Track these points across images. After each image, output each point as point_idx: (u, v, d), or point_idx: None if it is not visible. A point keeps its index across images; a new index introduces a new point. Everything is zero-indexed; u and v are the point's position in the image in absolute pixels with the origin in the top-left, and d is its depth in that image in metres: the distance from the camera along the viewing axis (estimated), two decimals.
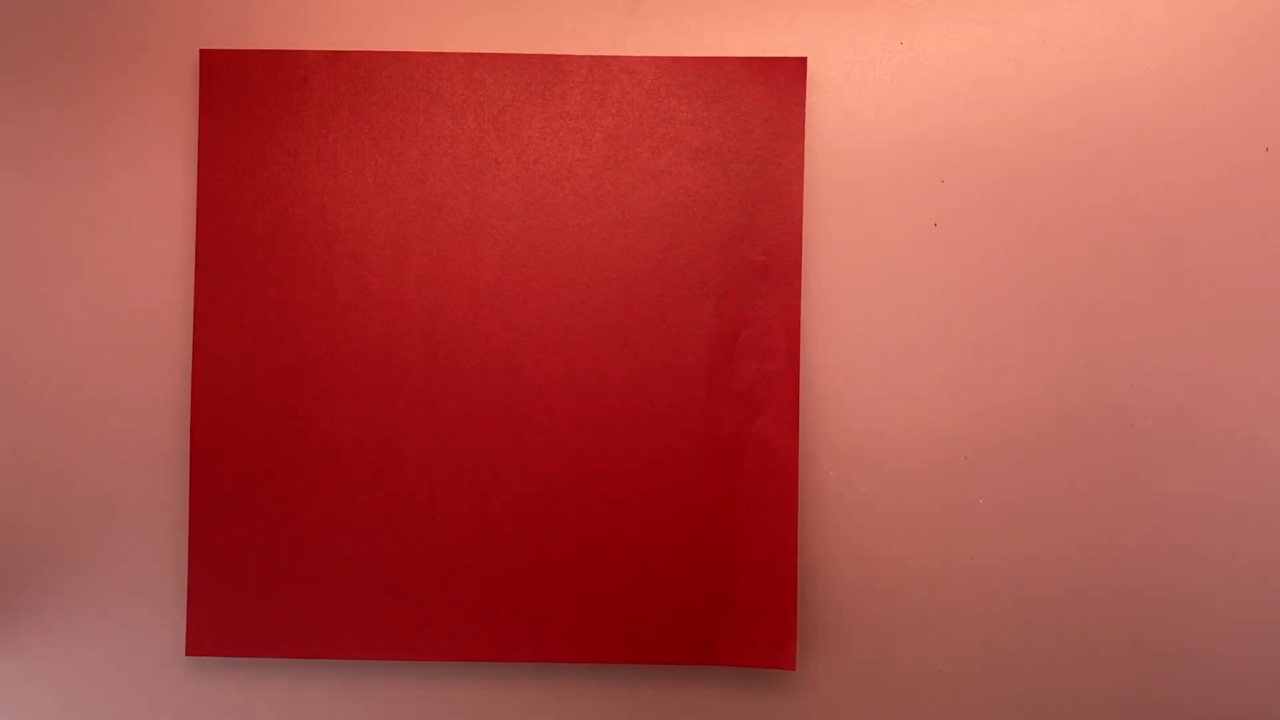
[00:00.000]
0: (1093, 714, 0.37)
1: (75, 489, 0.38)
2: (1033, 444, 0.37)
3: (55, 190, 0.38)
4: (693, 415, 0.36)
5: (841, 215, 0.37)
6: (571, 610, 0.36)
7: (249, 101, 0.36)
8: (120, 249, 0.38)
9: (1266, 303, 0.37)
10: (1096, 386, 0.37)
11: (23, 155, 0.38)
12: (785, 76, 0.36)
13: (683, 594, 0.35)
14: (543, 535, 0.36)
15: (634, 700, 0.37)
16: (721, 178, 0.36)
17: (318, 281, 0.36)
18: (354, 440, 0.36)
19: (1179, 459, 0.37)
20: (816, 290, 0.37)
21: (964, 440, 0.37)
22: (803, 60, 0.36)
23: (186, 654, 0.36)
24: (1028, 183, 0.37)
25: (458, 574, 0.36)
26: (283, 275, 0.36)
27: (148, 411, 0.38)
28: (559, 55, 0.36)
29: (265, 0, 0.37)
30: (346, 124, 0.36)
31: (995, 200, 0.37)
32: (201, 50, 0.36)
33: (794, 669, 0.35)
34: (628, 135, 0.36)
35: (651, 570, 0.35)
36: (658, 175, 0.36)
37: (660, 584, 0.35)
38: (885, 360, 0.37)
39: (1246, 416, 0.37)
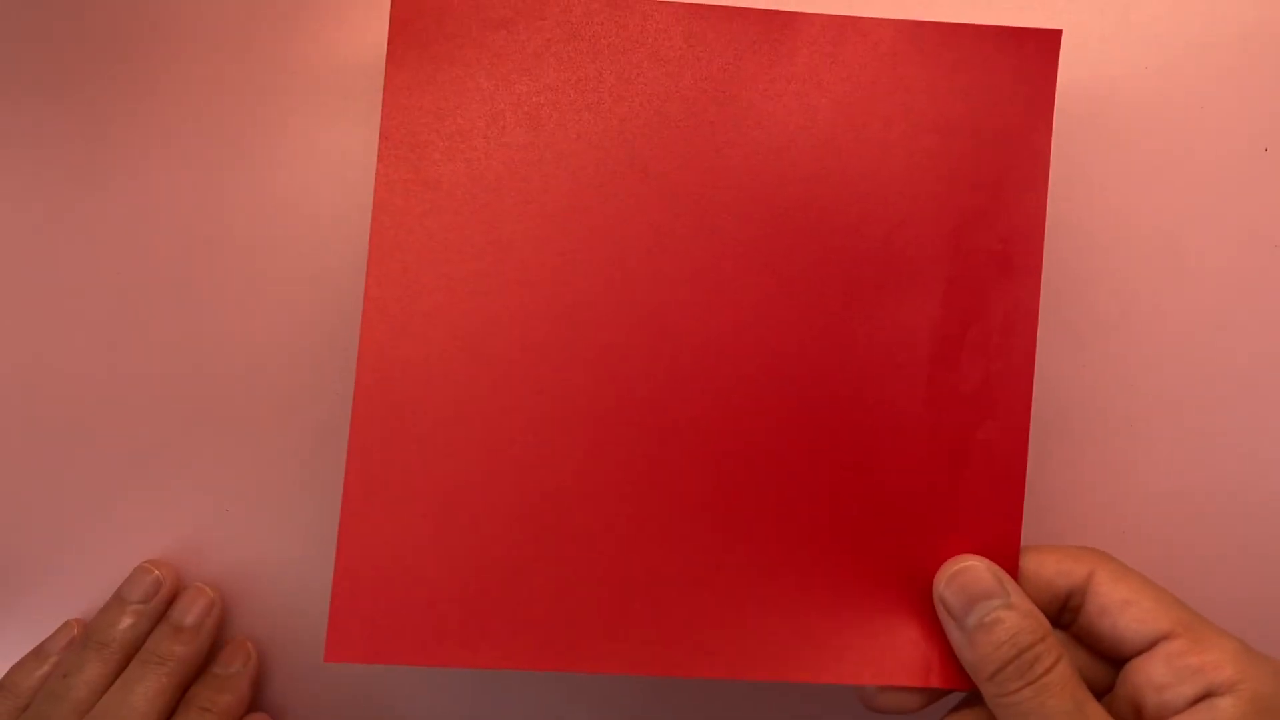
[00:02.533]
0: None
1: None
2: (1032, 443, 0.34)
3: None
4: (912, 416, 0.32)
5: None
6: (758, 624, 0.32)
7: (443, 42, 0.32)
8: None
9: (1266, 303, 0.36)
10: (1095, 386, 0.37)
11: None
12: (1035, 49, 0.32)
13: (896, 613, 0.32)
14: (736, 542, 0.32)
15: None
16: (958, 155, 0.32)
17: (514, 247, 0.32)
18: (529, 422, 0.32)
19: (1177, 459, 0.37)
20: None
21: None
22: (1057, 33, 0.32)
23: (326, 659, 0.32)
24: None
25: (628, 581, 0.32)
26: (469, 237, 0.32)
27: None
28: (789, 11, 0.33)
29: None
30: (553, 73, 0.32)
31: None
32: None
33: None
34: (858, 103, 0.32)
35: (860, 584, 0.32)
36: (889, 148, 0.32)
37: (870, 600, 0.32)
38: None
39: (1245, 417, 0.36)
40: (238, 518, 0.38)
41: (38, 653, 0.37)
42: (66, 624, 0.37)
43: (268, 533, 0.38)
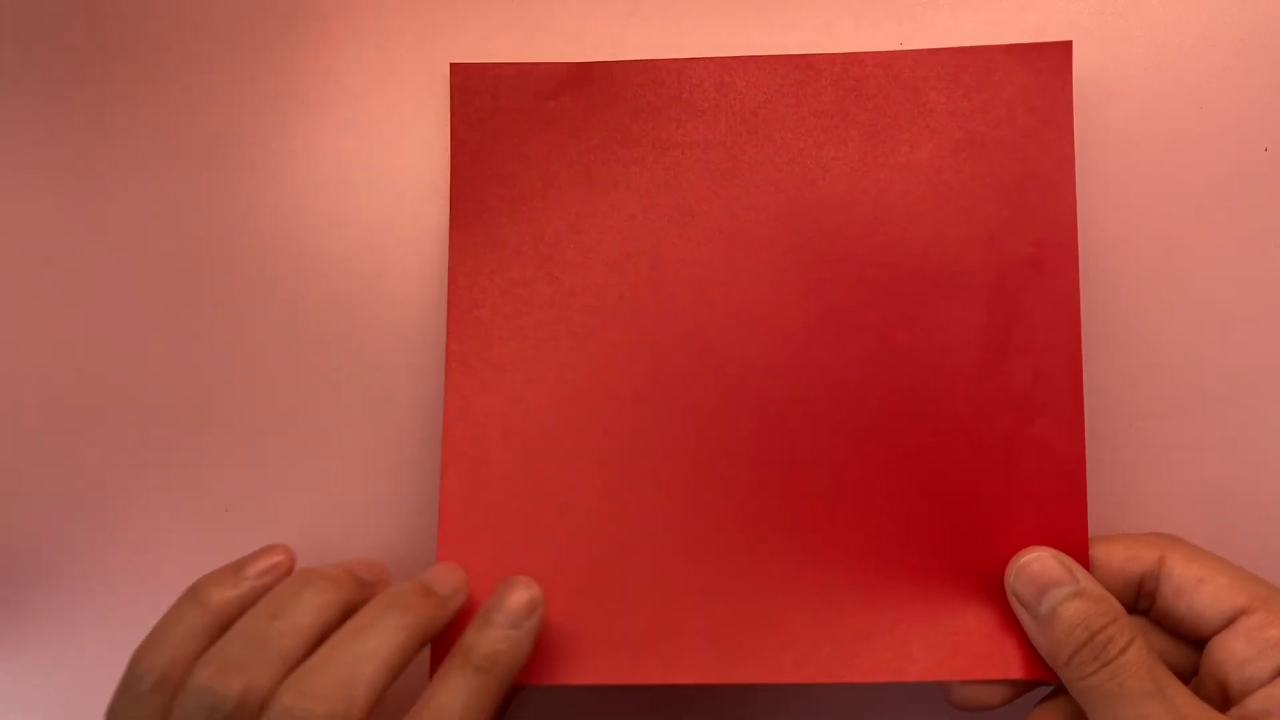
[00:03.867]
0: None
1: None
2: None
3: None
4: (966, 419, 0.34)
5: None
6: (839, 629, 0.33)
7: (499, 115, 0.36)
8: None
9: (1266, 303, 0.36)
10: (1095, 387, 0.36)
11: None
12: (1049, 61, 0.34)
13: (954, 613, 0.33)
14: (809, 553, 0.34)
15: None
16: (985, 168, 0.34)
17: (576, 294, 0.35)
18: (605, 449, 0.35)
19: (1179, 459, 0.36)
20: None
21: None
22: (1068, 44, 0.34)
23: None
24: None
25: (706, 592, 0.34)
26: (535, 290, 0.35)
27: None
28: (810, 55, 0.35)
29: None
30: (599, 134, 0.35)
31: None
32: (452, 64, 0.36)
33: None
34: (886, 130, 0.35)
35: (936, 585, 0.33)
36: (918, 169, 0.35)
37: (946, 600, 0.33)
38: None
39: (1246, 417, 0.36)
40: (238, 517, 0.37)
41: (236, 568, 0.32)
42: (271, 547, 0.33)
43: (269, 533, 0.37)
